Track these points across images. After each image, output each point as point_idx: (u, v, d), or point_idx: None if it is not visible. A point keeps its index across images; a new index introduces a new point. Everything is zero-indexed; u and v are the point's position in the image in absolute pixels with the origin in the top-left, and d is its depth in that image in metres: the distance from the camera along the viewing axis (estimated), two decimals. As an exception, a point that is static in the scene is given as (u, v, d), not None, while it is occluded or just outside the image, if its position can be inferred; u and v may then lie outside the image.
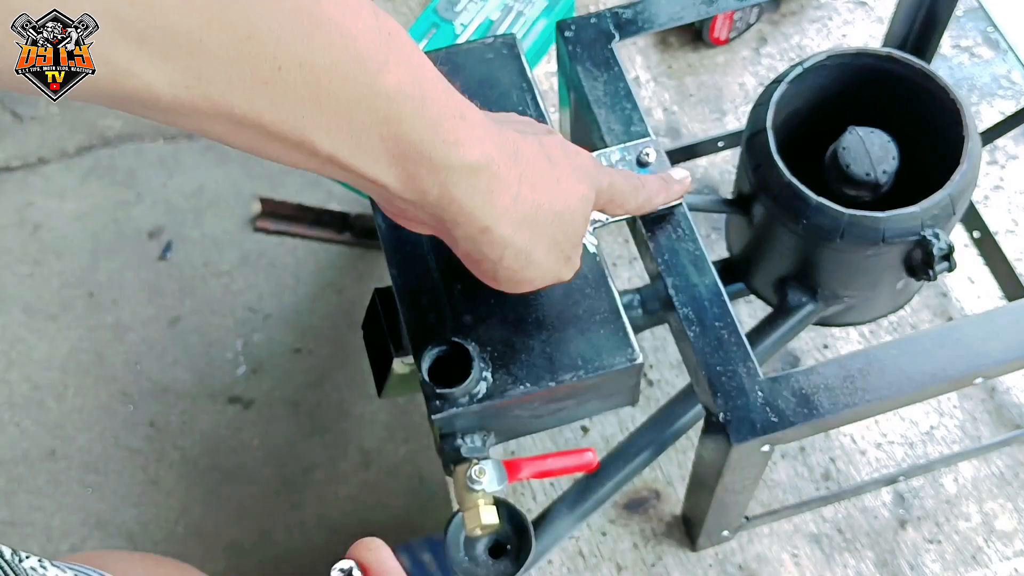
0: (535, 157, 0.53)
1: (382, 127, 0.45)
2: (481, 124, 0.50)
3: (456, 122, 0.47)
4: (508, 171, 0.51)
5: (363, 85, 0.43)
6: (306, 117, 0.42)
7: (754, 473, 0.68)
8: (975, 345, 0.64)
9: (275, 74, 0.40)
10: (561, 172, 0.55)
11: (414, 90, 0.45)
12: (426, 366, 0.61)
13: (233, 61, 0.38)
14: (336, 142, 0.44)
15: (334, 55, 0.42)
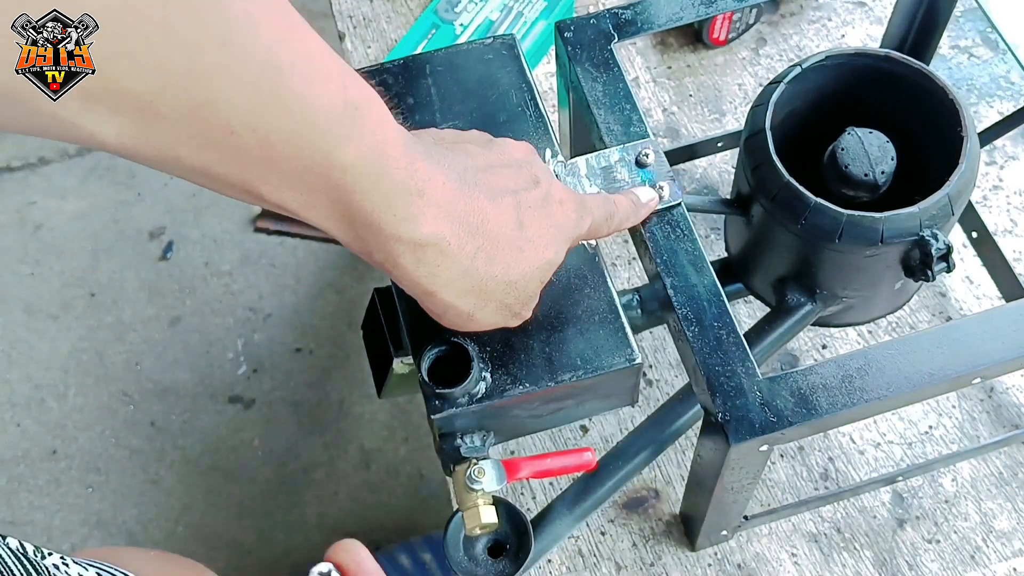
0: (502, 227, 0.52)
1: (333, 192, 0.45)
2: (442, 200, 0.49)
3: (412, 199, 0.47)
4: (462, 247, 0.50)
5: (319, 155, 0.43)
6: (255, 173, 0.42)
7: (753, 473, 0.68)
8: (974, 345, 0.64)
9: (227, 137, 0.40)
10: (529, 237, 0.54)
11: (372, 166, 0.45)
12: (425, 366, 0.61)
13: (184, 123, 0.38)
14: (285, 196, 0.44)
15: (291, 125, 0.41)
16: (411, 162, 0.47)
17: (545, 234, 0.55)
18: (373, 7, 1.10)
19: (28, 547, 0.64)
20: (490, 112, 0.70)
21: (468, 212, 0.50)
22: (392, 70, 0.72)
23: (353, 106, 0.43)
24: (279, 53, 0.40)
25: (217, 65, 0.38)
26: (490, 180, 0.53)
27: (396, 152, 0.46)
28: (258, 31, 0.39)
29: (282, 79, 0.40)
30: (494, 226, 0.52)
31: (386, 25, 1.09)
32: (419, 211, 0.48)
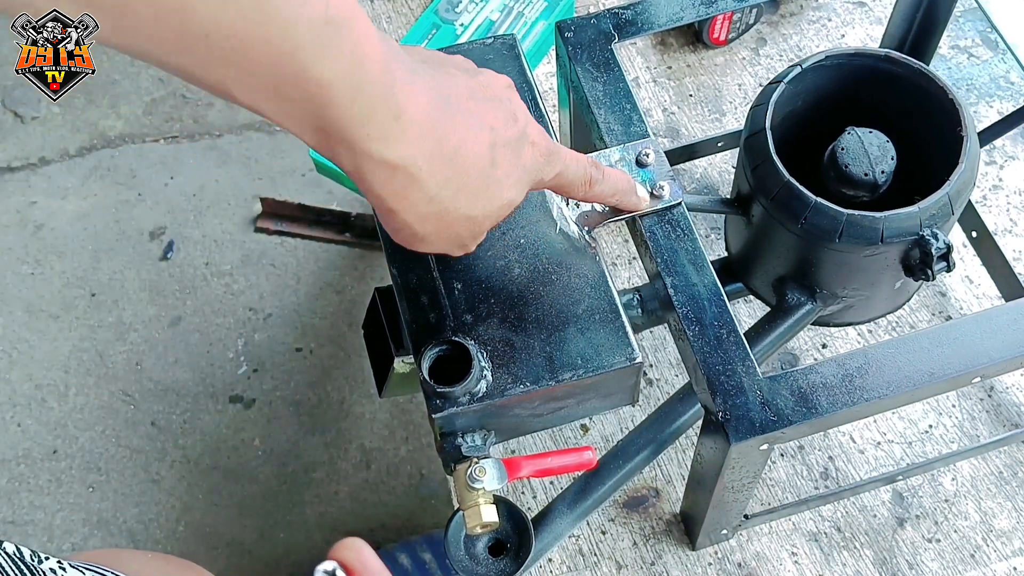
0: (475, 161, 0.52)
1: (309, 104, 0.45)
2: (419, 124, 0.49)
3: (387, 121, 0.47)
4: (431, 175, 0.50)
5: (295, 67, 0.43)
6: (229, 78, 0.42)
7: (753, 472, 0.68)
8: (973, 344, 0.64)
9: (201, 41, 0.40)
10: (498, 176, 0.54)
11: (349, 84, 0.44)
12: (426, 365, 0.61)
13: (159, 25, 0.38)
14: (259, 102, 0.44)
15: (268, 36, 0.41)
16: (390, 83, 0.46)
17: (512, 174, 0.55)
18: (374, 7, 1.10)
19: (25, 551, 0.64)
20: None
21: (443, 140, 0.50)
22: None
23: (334, 21, 0.43)
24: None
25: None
26: (471, 110, 0.52)
27: (375, 71, 0.46)
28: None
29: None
30: (467, 159, 0.51)
31: (387, 25, 1.09)
32: (394, 133, 0.47)
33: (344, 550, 0.52)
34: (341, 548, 0.52)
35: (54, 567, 0.65)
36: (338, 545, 0.51)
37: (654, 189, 0.69)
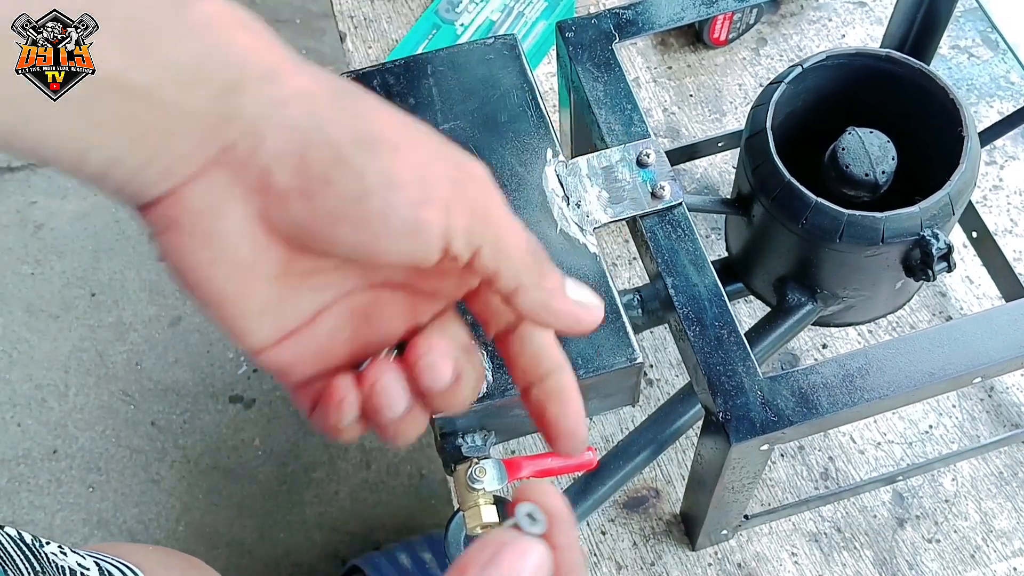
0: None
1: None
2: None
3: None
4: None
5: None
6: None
7: (753, 472, 0.68)
8: (974, 345, 0.64)
9: None
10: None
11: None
12: (426, 365, 0.61)
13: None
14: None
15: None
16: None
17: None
18: (374, 7, 1.10)
19: (26, 536, 0.64)
20: (491, 112, 0.71)
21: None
22: (393, 70, 0.72)
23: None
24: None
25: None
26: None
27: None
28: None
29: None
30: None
31: (387, 25, 1.09)
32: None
33: (538, 494, 0.45)
34: (530, 491, 0.45)
35: (55, 551, 0.66)
36: (523, 488, 0.45)
37: (655, 189, 0.69)
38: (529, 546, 0.40)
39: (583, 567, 0.42)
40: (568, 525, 0.42)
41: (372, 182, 0.38)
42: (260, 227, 0.39)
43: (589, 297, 0.44)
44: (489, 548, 0.40)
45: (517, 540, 0.40)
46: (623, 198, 0.68)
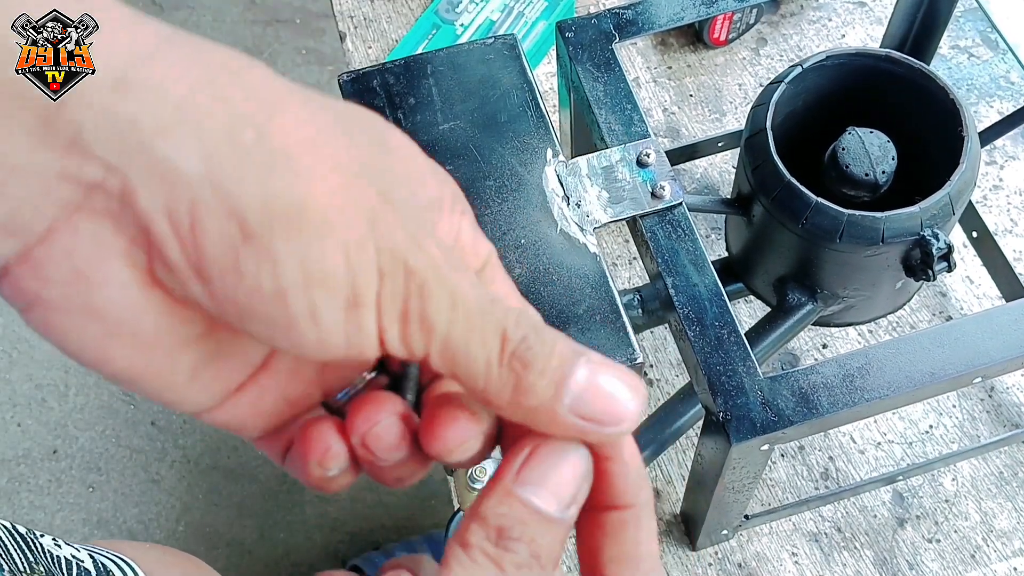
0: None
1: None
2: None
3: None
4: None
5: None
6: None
7: (754, 472, 0.68)
8: (974, 345, 0.64)
9: None
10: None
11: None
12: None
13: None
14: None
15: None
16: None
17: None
18: (374, 7, 1.10)
19: (19, 528, 0.64)
20: (491, 112, 0.71)
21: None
22: (393, 70, 0.72)
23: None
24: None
25: None
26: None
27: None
28: None
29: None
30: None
31: (387, 25, 1.09)
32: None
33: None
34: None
35: (49, 543, 0.66)
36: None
37: (655, 189, 0.69)
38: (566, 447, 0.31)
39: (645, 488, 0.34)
40: (628, 437, 0.33)
41: (291, 278, 0.28)
42: (155, 290, 0.30)
43: (608, 403, 0.31)
44: (521, 453, 0.32)
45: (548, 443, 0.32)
46: (623, 198, 0.68)
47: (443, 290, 0.30)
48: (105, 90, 0.27)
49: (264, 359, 0.34)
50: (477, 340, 0.30)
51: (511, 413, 0.31)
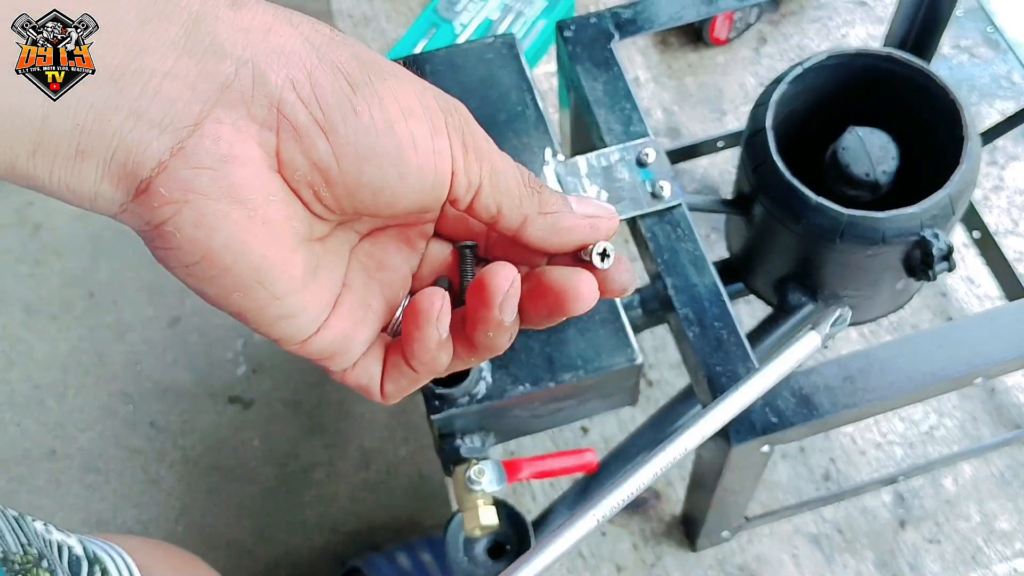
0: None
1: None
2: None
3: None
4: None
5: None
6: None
7: (754, 473, 0.68)
8: (975, 345, 0.64)
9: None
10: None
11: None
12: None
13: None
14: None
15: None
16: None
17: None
18: (373, 6, 1.10)
19: (10, 511, 0.64)
20: (490, 112, 0.70)
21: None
22: (392, 70, 0.72)
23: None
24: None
25: None
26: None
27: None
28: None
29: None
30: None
31: (386, 24, 1.09)
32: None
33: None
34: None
35: (40, 527, 0.65)
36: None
37: (655, 189, 0.68)
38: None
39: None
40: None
41: (394, 112, 0.35)
42: (279, 175, 0.34)
43: (598, 208, 0.41)
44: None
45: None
46: (623, 198, 0.68)
47: (480, 129, 0.37)
48: (226, 7, 0.33)
49: (344, 275, 0.39)
50: (510, 167, 0.38)
51: (541, 227, 0.39)
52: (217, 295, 0.36)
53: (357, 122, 0.34)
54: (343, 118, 0.34)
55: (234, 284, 0.35)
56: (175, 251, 0.34)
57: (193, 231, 0.33)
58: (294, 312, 0.36)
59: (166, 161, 0.32)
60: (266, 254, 0.34)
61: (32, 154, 0.31)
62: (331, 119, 0.34)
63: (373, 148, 0.34)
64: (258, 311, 0.36)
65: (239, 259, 0.34)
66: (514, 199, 0.38)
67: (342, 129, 0.34)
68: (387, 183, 0.35)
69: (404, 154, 0.35)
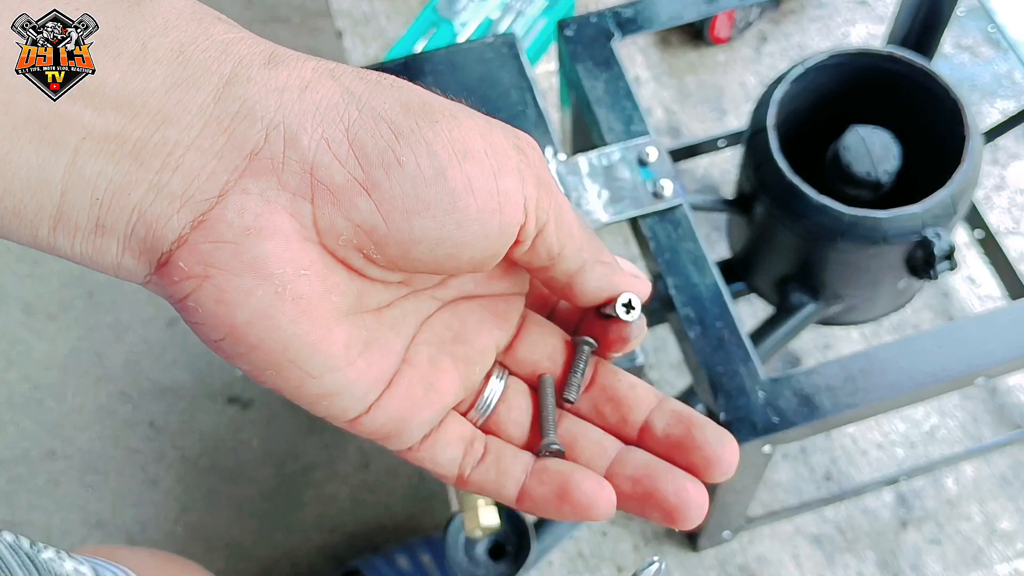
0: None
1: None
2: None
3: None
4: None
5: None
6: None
7: (755, 474, 0.68)
8: (977, 345, 0.64)
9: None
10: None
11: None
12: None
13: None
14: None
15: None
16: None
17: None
18: (372, 5, 1.10)
19: (24, 542, 0.64)
20: (490, 112, 0.70)
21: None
22: (392, 69, 0.72)
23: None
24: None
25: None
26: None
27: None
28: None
29: None
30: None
31: (386, 23, 1.08)
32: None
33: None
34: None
35: (52, 556, 0.65)
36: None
37: (656, 188, 0.68)
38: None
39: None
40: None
41: (446, 157, 0.32)
42: (318, 245, 0.32)
43: (631, 266, 0.40)
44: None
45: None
46: (623, 197, 0.68)
47: (547, 164, 0.36)
48: (260, 66, 0.31)
49: (406, 348, 0.37)
50: (572, 211, 0.37)
51: (599, 276, 0.38)
52: (250, 372, 0.34)
53: (402, 173, 0.32)
54: (386, 171, 0.32)
55: (265, 362, 0.33)
56: (201, 326, 0.32)
57: (215, 307, 0.32)
58: (336, 391, 0.34)
59: (186, 235, 0.31)
60: (297, 332, 0.32)
61: (53, 229, 0.31)
62: (372, 175, 0.32)
63: (423, 199, 0.32)
64: (294, 389, 0.34)
65: (266, 337, 0.32)
66: (576, 242, 0.37)
67: (385, 184, 0.32)
68: (444, 234, 0.33)
69: (460, 201, 0.32)
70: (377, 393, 0.35)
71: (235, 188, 0.31)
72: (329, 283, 0.33)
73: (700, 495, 0.37)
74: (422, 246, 0.33)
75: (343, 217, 0.32)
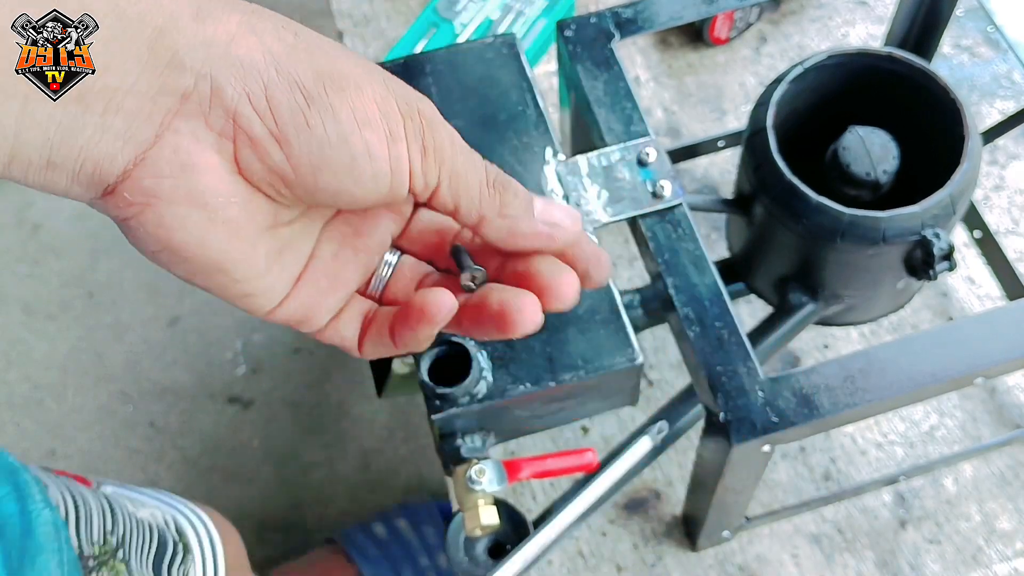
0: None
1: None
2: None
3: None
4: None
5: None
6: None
7: (754, 473, 0.68)
8: (976, 345, 0.64)
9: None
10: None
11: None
12: (425, 366, 0.61)
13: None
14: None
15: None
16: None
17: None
18: (372, 5, 1.10)
19: (107, 488, 0.70)
20: (490, 112, 0.70)
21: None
22: (392, 69, 0.72)
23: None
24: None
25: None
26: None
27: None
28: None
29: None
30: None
31: (385, 24, 1.09)
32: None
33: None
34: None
35: (129, 507, 0.74)
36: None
37: (655, 189, 0.68)
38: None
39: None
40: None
41: (348, 124, 0.37)
42: (239, 177, 0.37)
43: (563, 216, 0.44)
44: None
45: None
46: (623, 197, 0.68)
47: (445, 130, 0.40)
48: (189, 19, 0.35)
49: (313, 247, 0.42)
50: (471, 169, 0.41)
51: (497, 228, 0.42)
52: (183, 276, 0.39)
53: (310, 135, 0.37)
54: (296, 131, 0.36)
55: (196, 270, 0.38)
56: (140, 241, 0.37)
57: (155, 230, 0.36)
58: (256, 291, 0.40)
59: (130, 170, 0.35)
60: (227, 249, 0.38)
61: (8, 164, 0.34)
62: (285, 132, 0.36)
63: (327, 159, 0.37)
64: (220, 290, 0.39)
65: (199, 253, 0.37)
66: (472, 199, 0.41)
67: (295, 141, 0.37)
68: (343, 187, 0.38)
69: (358, 164, 0.37)
70: (289, 288, 0.41)
71: (169, 128, 0.35)
72: (251, 208, 0.38)
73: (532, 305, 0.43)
74: (324, 194, 0.38)
75: (259, 161, 0.37)
